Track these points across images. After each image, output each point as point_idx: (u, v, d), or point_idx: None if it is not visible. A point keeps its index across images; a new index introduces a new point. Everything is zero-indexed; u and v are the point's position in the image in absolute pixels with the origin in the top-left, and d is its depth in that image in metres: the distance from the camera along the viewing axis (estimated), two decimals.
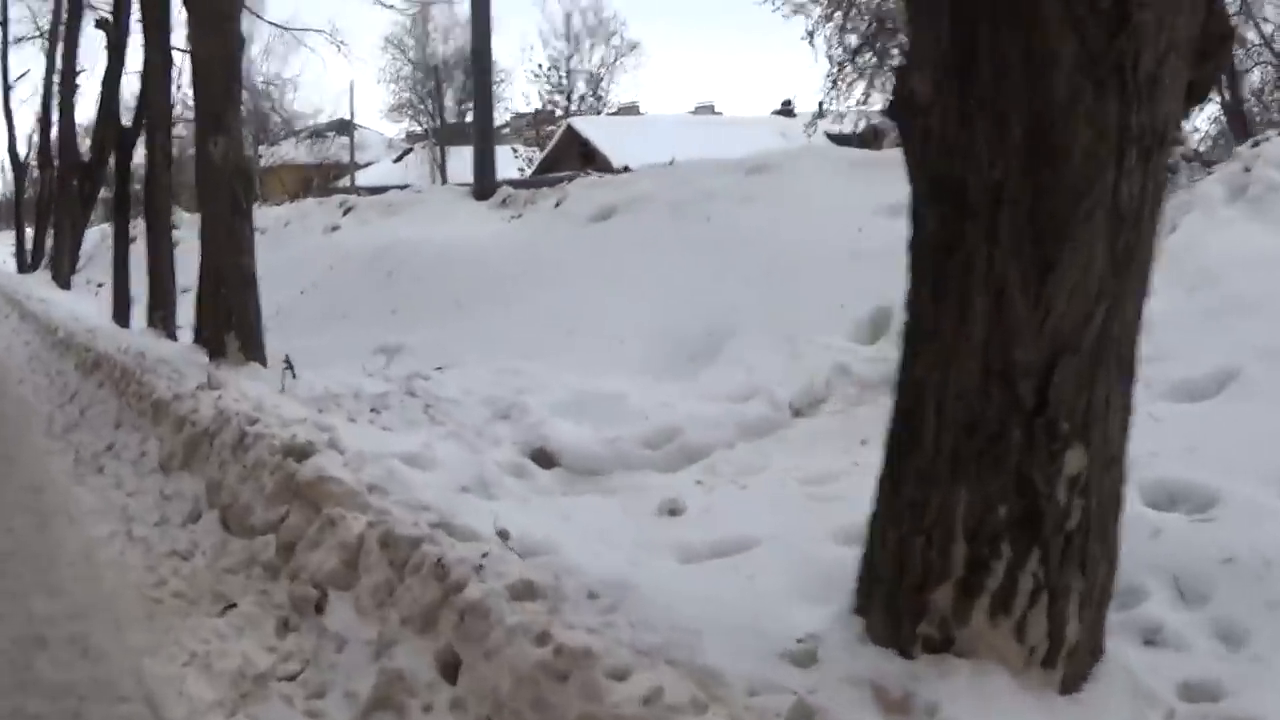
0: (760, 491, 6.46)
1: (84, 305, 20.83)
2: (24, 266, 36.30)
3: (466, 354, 12.05)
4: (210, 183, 10.86)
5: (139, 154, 19.10)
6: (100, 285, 28.62)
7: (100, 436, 9.37)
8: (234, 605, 5.43)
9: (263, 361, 10.54)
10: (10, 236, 61.68)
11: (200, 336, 12.18)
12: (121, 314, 18.54)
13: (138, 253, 18.03)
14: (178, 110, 20.56)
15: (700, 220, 14.96)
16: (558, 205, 20.70)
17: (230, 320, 10.45)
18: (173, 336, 14.63)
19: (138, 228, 19.33)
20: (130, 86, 20.07)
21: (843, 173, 14.99)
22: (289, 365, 9.52)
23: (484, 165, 26.16)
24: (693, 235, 14.42)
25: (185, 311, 15.08)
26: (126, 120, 20.04)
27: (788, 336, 9.96)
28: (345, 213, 28.26)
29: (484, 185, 24.96)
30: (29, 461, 9.01)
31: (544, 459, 7.67)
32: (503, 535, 5.00)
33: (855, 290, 10.51)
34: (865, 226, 12.14)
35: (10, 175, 48.29)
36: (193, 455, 7.54)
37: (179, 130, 21.10)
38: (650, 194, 17.30)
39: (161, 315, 14.98)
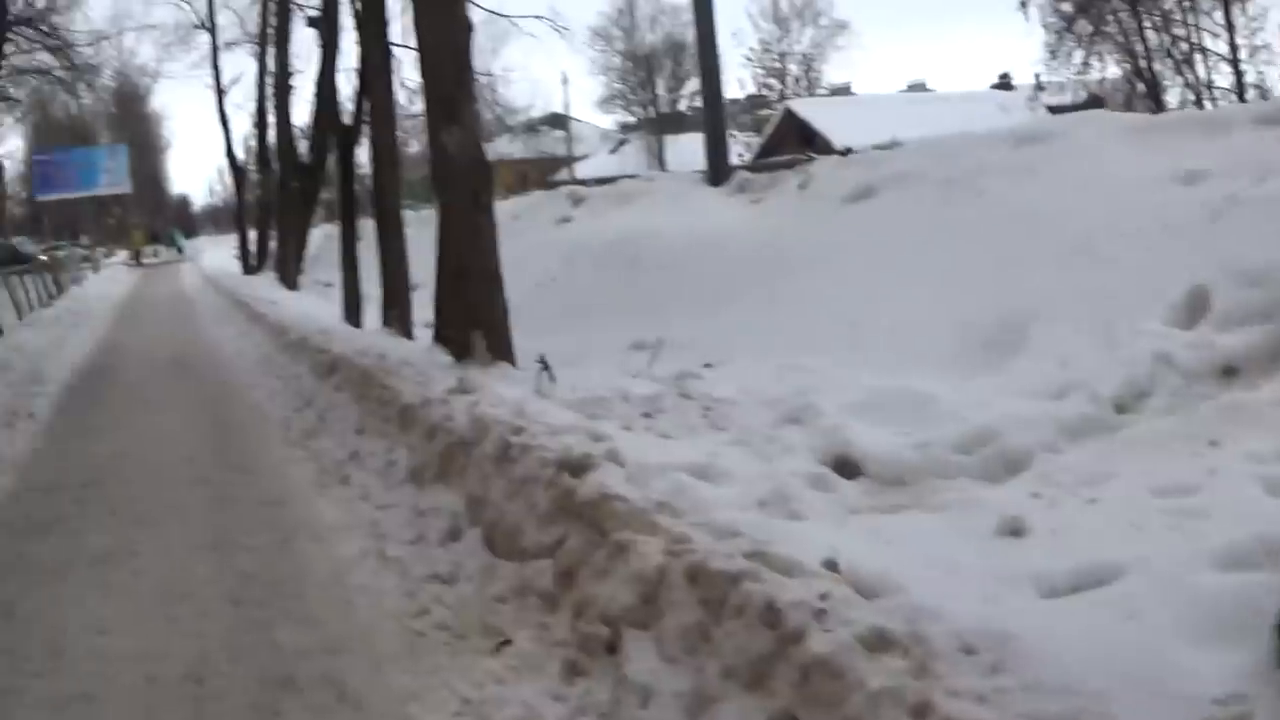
0: (1110, 506, 5.67)
1: (313, 306, 21.42)
2: (249, 269, 38.09)
3: (734, 350, 11.63)
4: (447, 176, 10.75)
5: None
6: (328, 285, 29.69)
7: (342, 444, 9.32)
8: (508, 641, 5.08)
9: (512, 361, 10.41)
10: (231, 238, 65.42)
11: (441, 336, 12.10)
12: (353, 314, 18.95)
13: (363, 251, 18.37)
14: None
15: (971, 198, 14.12)
16: (802, 188, 20.42)
17: (476, 319, 10.33)
18: (409, 336, 14.74)
19: (362, 226, 19.66)
20: (347, 84, 20.43)
21: (1126, 139, 13.86)
22: (545, 366, 9.22)
23: (716, 150, 26.34)
24: (965, 214, 13.60)
25: (419, 310, 15.18)
26: (339, 118, 20.37)
27: (1098, 323, 9.10)
28: (576, 204, 28.51)
29: (718, 170, 25.20)
30: (267, 472, 9.03)
31: (846, 467, 7.07)
32: (830, 567, 4.41)
33: (1165, 268, 9.60)
34: (1163, 197, 11.13)
35: (230, 179, 50.67)
36: (449, 467, 7.30)
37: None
38: (910, 171, 16.63)
39: (396, 314, 15.11)
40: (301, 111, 32.66)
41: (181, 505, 7.97)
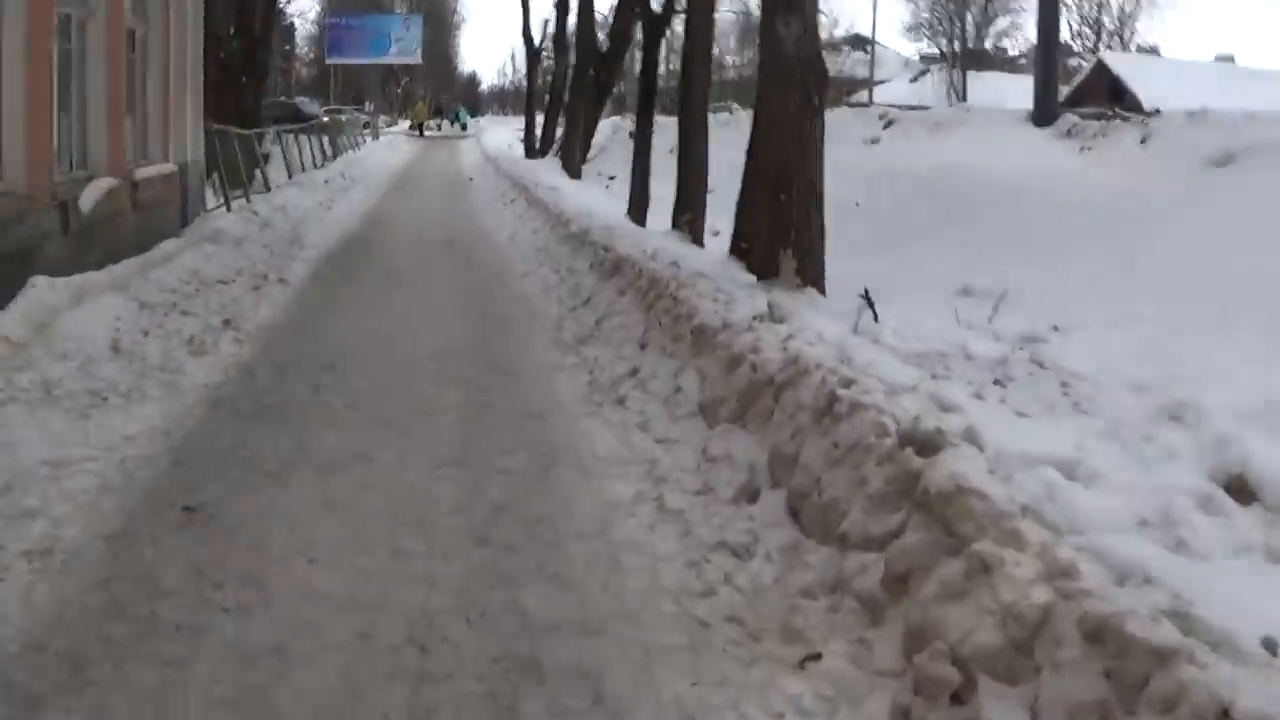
0: None
1: (595, 198, 20.84)
2: (531, 152, 38.08)
3: (1077, 311, 10.37)
4: (777, 73, 9.79)
5: None
6: (611, 178, 29.36)
7: (621, 356, 8.53)
8: (817, 656, 4.12)
9: (821, 289, 9.45)
10: (518, 121, 66.31)
11: (740, 249, 11.25)
12: (638, 212, 18.30)
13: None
14: None
15: None
16: (1144, 142, 19.55)
17: (789, 236, 9.37)
18: (700, 243, 13.91)
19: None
20: None
21: None
22: (869, 302, 8.19)
23: (1046, 89, 25.61)
24: None
25: (711, 217, 14.41)
26: (648, 4, 19.62)
27: None
28: (886, 126, 27.41)
29: (1045, 111, 24.52)
30: (532, 377, 8.34)
31: (1239, 490, 5.74)
32: (1270, 648, 3.23)
33: None
34: None
35: (524, 60, 51.26)
36: (750, 407, 6.38)
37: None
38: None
39: (688, 219, 14.30)
40: None
41: (430, 406, 7.32)
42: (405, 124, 72.99)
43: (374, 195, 25.08)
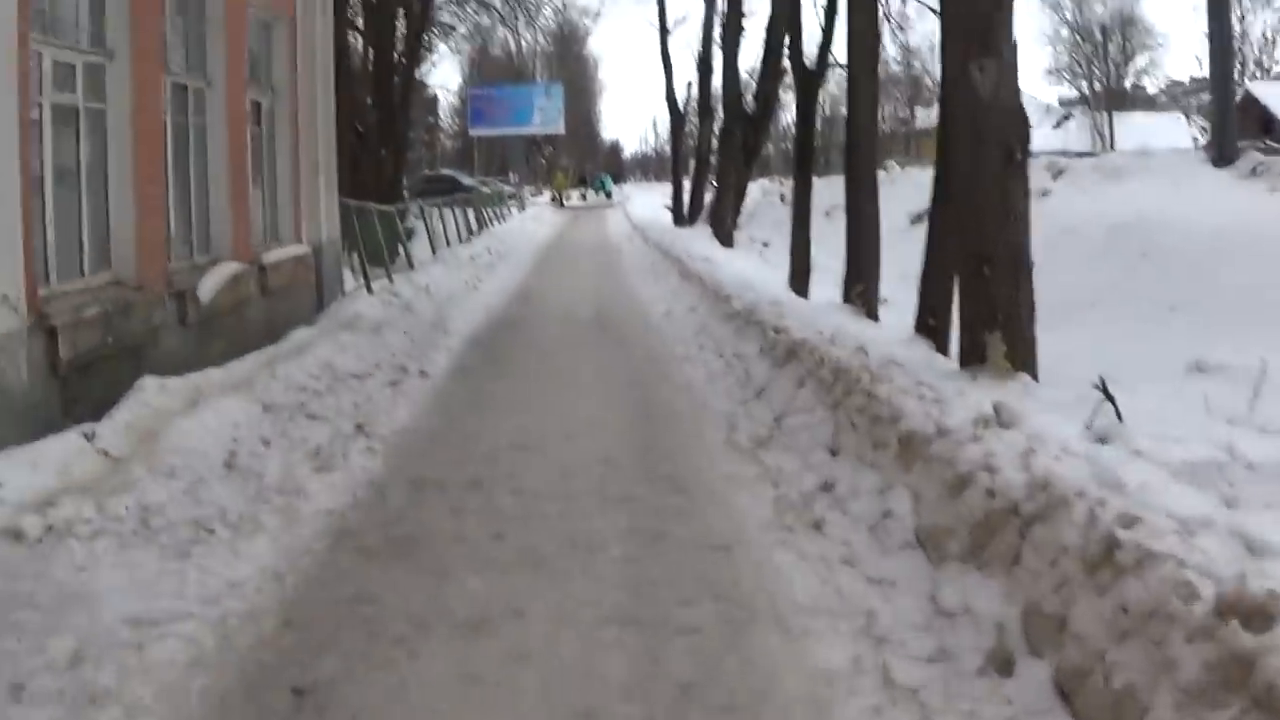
0: None
1: (752, 267, 19.84)
2: (679, 219, 37.30)
3: None
4: (970, 124, 8.61)
5: None
6: (765, 245, 28.37)
7: (809, 465, 7.40)
8: None
9: (1034, 374, 8.17)
10: (662, 187, 65.77)
11: (926, 326, 10.14)
12: (799, 282, 17.25)
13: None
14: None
15: None
16: None
17: (995, 316, 8.16)
18: (874, 317, 12.76)
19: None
20: (811, 24, 18.71)
21: None
22: (1107, 395, 6.93)
23: (1224, 127, 24.92)
24: None
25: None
26: (800, 58, 18.62)
27: None
28: (1055, 176, 26.02)
29: (1224, 150, 23.68)
30: (708, 493, 7.23)
31: None
32: None
33: None
34: None
35: (667, 125, 50.95)
36: (987, 542, 5.21)
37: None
38: None
39: (861, 290, 13.16)
40: (750, 56, 31.58)
41: (592, 536, 6.24)
42: (547, 194, 73.31)
43: (521, 270, 24.38)
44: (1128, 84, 73.33)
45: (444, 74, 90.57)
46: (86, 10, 8.56)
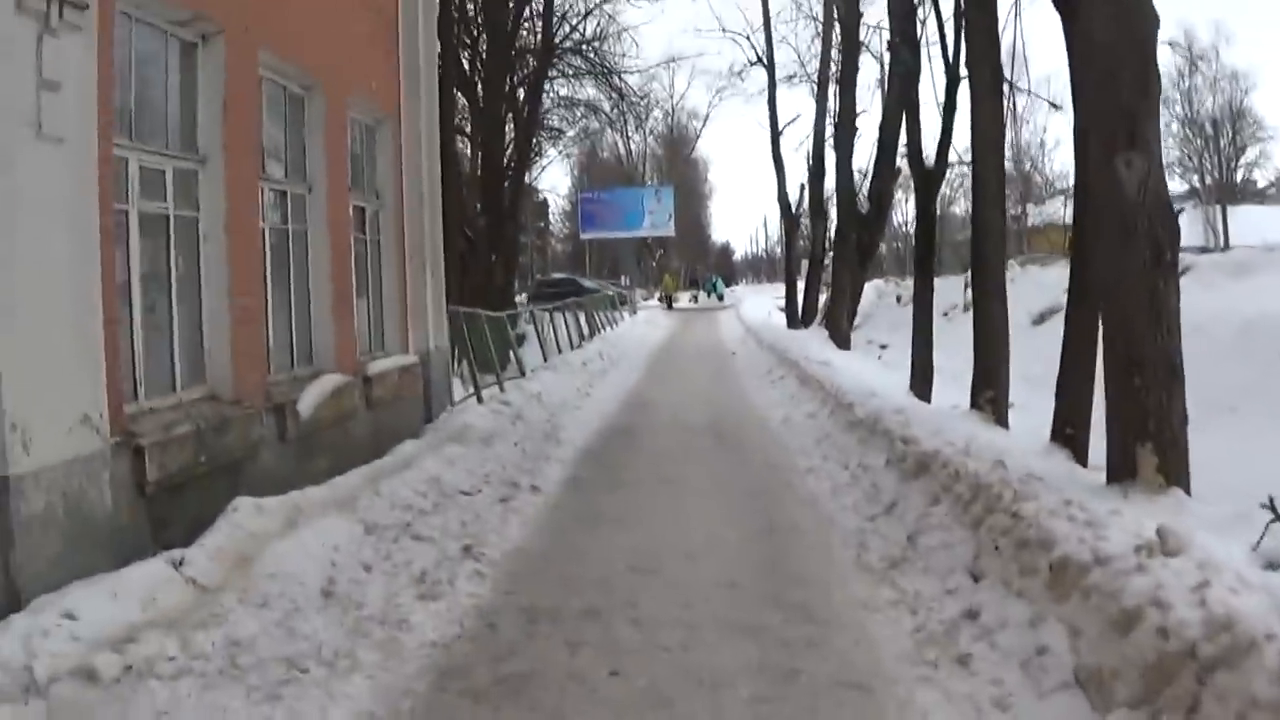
0: None
1: (871, 371, 19.28)
2: (793, 321, 36.85)
3: None
4: (1117, 222, 8.14)
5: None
6: (883, 347, 27.74)
7: (949, 590, 6.89)
8: None
9: (1186, 488, 7.60)
10: (774, 289, 65.43)
11: (1063, 435, 9.59)
12: (921, 386, 16.69)
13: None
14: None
15: None
16: None
17: (1146, 427, 7.60)
18: (1004, 424, 12.16)
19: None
20: (927, 120, 18.36)
21: None
22: (1277, 514, 6.30)
23: None
24: None
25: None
26: (919, 155, 18.22)
27: None
28: (1181, 274, 25.13)
29: None
30: (842, 622, 6.74)
31: None
32: None
33: None
34: None
35: (776, 227, 50.90)
36: (1161, 688, 4.69)
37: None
38: None
39: (990, 397, 12.53)
40: (862, 156, 31.17)
41: (717, 674, 5.75)
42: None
43: (634, 376, 24.02)
44: (1238, 177, 72.60)
45: (553, 178, 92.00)
46: (177, 114, 8.44)
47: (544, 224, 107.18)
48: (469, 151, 26.75)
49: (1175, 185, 73.53)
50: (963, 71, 15.54)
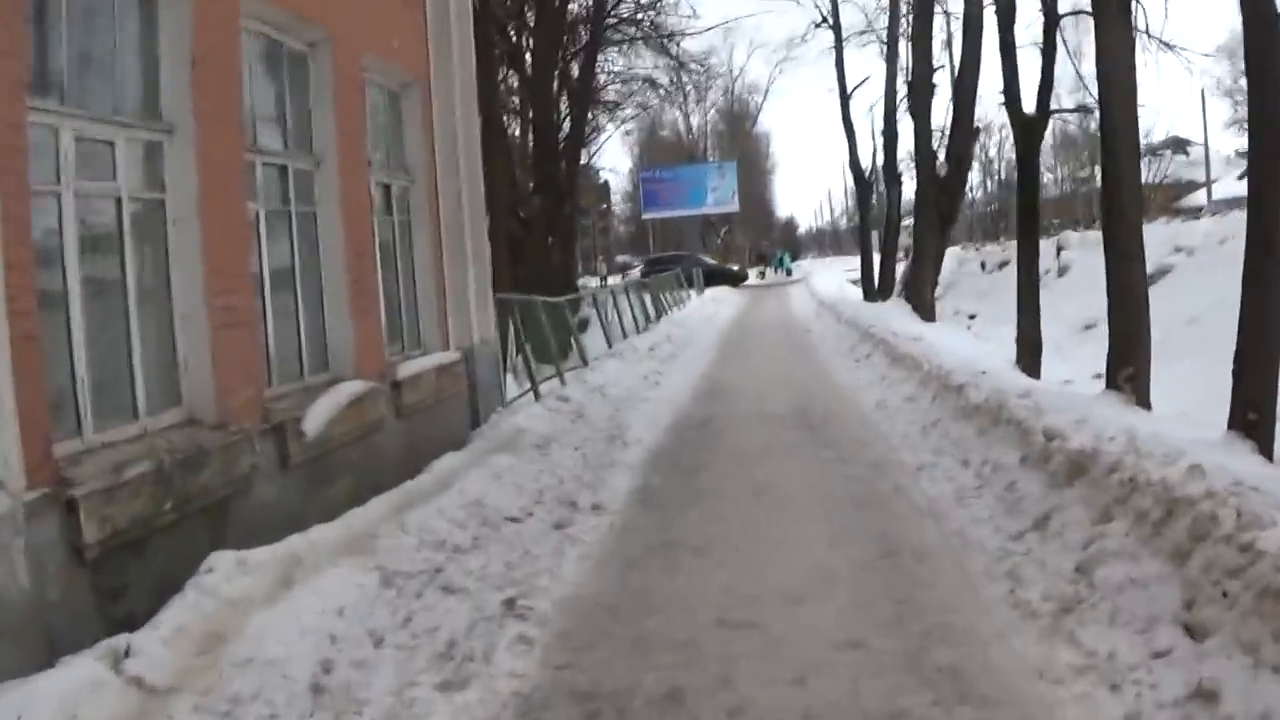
0: None
1: (968, 345, 17.33)
2: (870, 294, 34.55)
3: None
4: None
5: None
6: (971, 318, 25.78)
7: (1157, 653, 5.11)
8: None
9: None
10: (841, 262, 63.26)
11: (1244, 421, 7.86)
12: (1028, 361, 14.80)
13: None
14: None
15: None
16: None
17: None
18: (1146, 404, 10.27)
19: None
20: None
21: None
22: None
23: None
24: None
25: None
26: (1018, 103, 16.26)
27: None
28: None
29: None
30: (1011, 697, 4.98)
31: None
32: None
33: None
34: None
35: (841, 199, 48.73)
36: None
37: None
38: None
39: (1129, 374, 10.58)
40: (937, 116, 28.90)
41: None
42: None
43: (704, 359, 22.07)
44: None
45: (614, 158, 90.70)
46: (135, 74, 6.74)
47: (606, 205, 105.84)
48: (519, 130, 24.94)
49: (1243, 143, 71.35)
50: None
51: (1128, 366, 10.81)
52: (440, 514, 8.00)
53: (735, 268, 60.16)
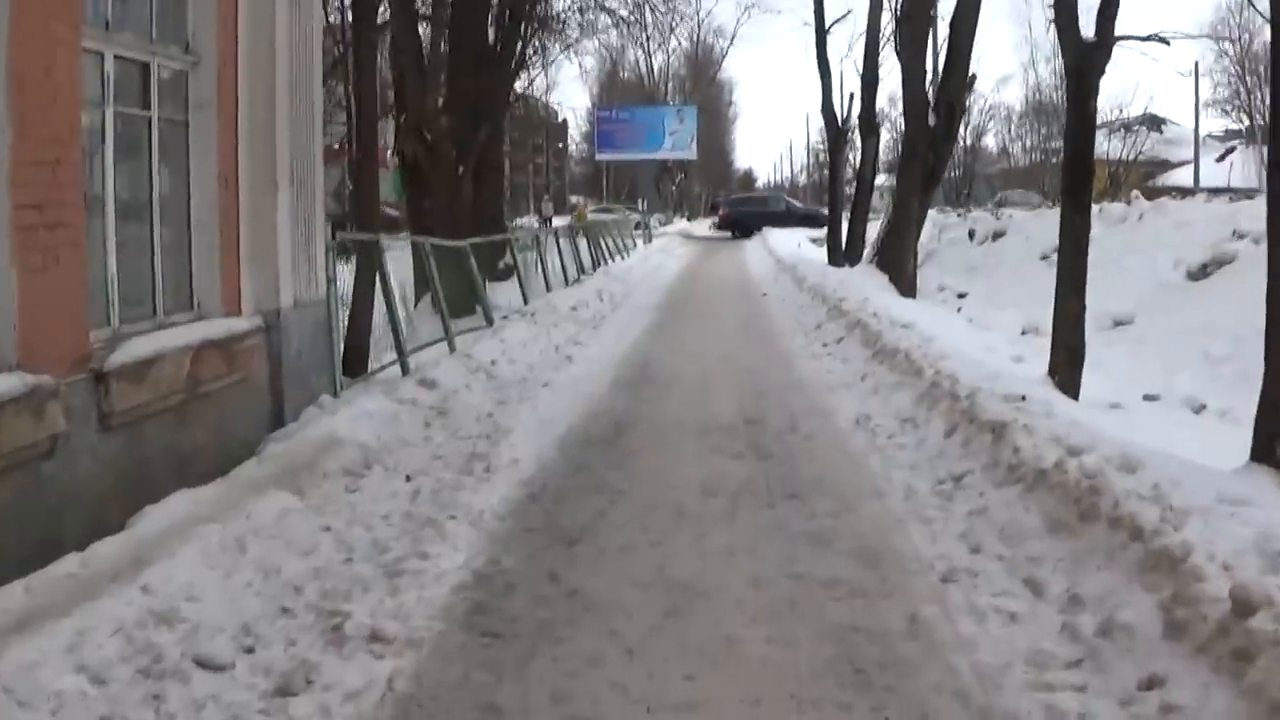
0: None
1: (966, 334, 13.68)
2: (835, 256, 30.14)
3: None
4: None
5: None
6: (961, 295, 21.95)
7: None
8: None
9: None
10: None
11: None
12: (1067, 372, 10.90)
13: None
14: None
15: None
16: None
17: None
18: None
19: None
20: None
21: None
22: None
23: None
24: None
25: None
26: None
27: None
28: None
29: None
30: None
31: None
32: None
33: None
34: None
35: (802, 154, 44.77)
36: None
37: None
38: None
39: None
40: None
41: None
42: (679, 223, 67.89)
43: (638, 325, 17.97)
44: None
45: (574, 96, 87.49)
46: None
47: (562, 144, 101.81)
48: (428, 37, 20.52)
49: (1218, 125, 69.09)
50: None
51: None
52: (67, 654, 4.12)
53: (634, 216, 56.33)
